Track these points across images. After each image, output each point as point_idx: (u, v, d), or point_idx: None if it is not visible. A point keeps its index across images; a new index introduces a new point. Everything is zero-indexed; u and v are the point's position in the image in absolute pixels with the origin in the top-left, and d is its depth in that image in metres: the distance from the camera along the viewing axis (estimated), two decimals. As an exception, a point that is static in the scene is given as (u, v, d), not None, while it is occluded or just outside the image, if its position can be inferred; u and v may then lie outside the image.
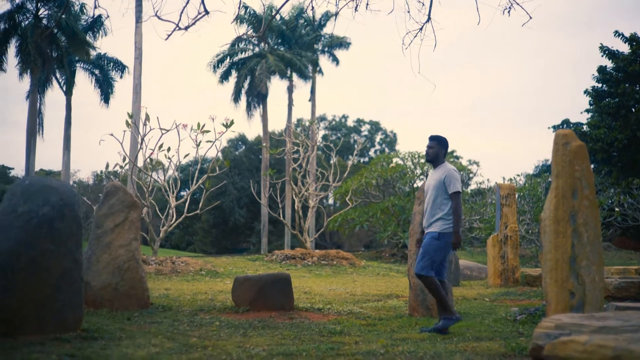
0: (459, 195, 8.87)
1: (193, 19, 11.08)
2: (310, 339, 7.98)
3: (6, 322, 7.04)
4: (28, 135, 40.44)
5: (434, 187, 9.04)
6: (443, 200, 8.92)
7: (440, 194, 8.95)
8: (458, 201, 8.85)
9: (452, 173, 8.96)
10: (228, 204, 61.63)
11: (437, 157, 9.22)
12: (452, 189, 8.86)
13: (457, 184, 8.88)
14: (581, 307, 6.85)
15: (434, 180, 9.07)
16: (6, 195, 7.66)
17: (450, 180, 8.89)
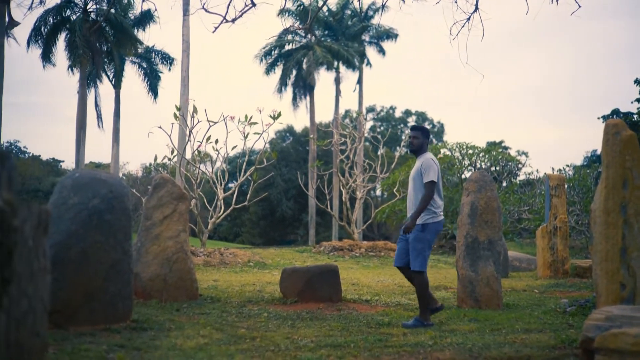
0: (432, 185, 8.70)
1: (240, 12, 11.13)
2: (358, 330, 7.97)
3: (58, 313, 7.12)
4: (78, 128, 40.86)
5: (413, 178, 8.97)
6: (422, 190, 8.80)
7: (419, 184, 8.86)
8: (429, 191, 8.67)
9: (429, 162, 8.82)
10: (276, 195, 61.75)
11: (421, 147, 9.11)
12: (426, 178, 8.72)
13: (431, 174, 8.72)
14: (632, 299, 6.76)
15: (414, 171, 8.99)
16: (56, 187, 7.74)
17: (426, 169, 8.76)
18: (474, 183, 10.71)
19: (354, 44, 50.67)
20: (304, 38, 50.52)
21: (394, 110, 78.40)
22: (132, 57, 46.44)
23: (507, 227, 29.53)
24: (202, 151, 22.47)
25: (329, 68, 49.79)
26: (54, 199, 7.57)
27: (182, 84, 36.40)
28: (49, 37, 40.19)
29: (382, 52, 52.69)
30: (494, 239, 10.52)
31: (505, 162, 33.12)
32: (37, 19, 39.70)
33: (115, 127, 45.56)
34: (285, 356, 6.14)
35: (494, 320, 8.75)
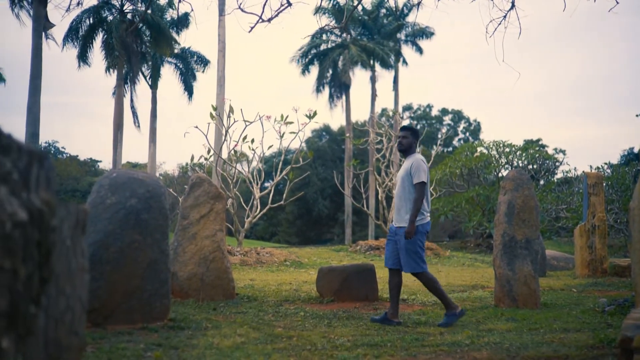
0: (423, 186, 8.64)
1: (276, 11, 11.14)
2: (395, 329, 7.95)
3: (96, 312, 7.18)
4: (115, 128, 41.17)
5: (402, 179, 8.89)
6: (411, 192, 8.74)
7: (408, 185, 8.78)
8: (421, 192, 8.61)
9: (418, 163, 8.76)
10: (312, 194, 61.79)
11: (410, 147, 9.05)
12: (416, 179, 8.66)
13: (422, 175, 8.66)
14: (672, 298, 6.67)
15: (403, 171, 8.91)
16: (94, 187, 7.80)
17: (416, 170, 8.70)
18: (511, 181, 10.64)
19: (390, 42, 50.57)
20: (339, 37, 50.49)
21: (430, 108, 78.15)
22: (169, 58, 46.71)
23: (544, 226, 29.32)
24: (238, 151, 22.55)
25: (364, 67, 49.70)
26: (92, 198, 7.63)
27: (218, 84, 36.53)
28: (86, 38, 40.51)
29: (419, 51, 52.50)
30: (531, 238, 10.44)
31: (542, 160, 32.86)
32: (73, 19, 40.04)
33: (152, 127, 45.87)
34: (321, 355, 6.14)
35: (532, 320, 8.69)
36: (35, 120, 29.67)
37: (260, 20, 11.10)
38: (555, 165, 34.54)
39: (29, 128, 29.54)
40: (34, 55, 30.12)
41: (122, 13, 41.25)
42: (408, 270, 8.65)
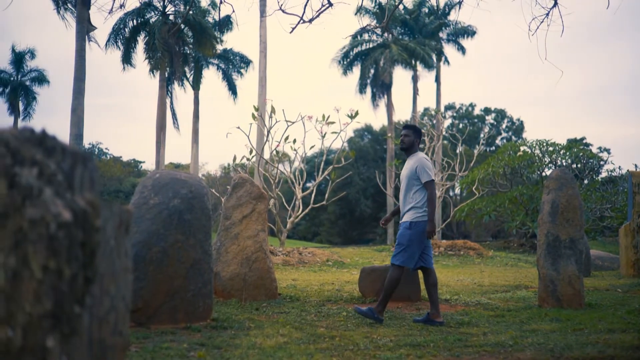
0: (432, 184, 8.71)
1: (317, 12, 11.15)
2: (438, 330, 7.92)
3: (140, 311, 7.23)
4: (158, 129, 41.47)
5: (406, 177, 8.93)
6: (415, 190, 8.79)
7: (412, 183, 8.83)
8: (432, 190, 8.70)
9: (423, 162, 8.81)
10: (354, 194, 61.78)
11: (412, 146, 9.11)
12: (424, 178, 8.73)
13: (429, 173, 8.74)
14: None
15: (407, 170, 8.95)
16: (138, 188, 7.86)
17: (422, 170, 8.75)
18: (555, 181, 10.54)
19: (431, 41, 50.36)
20: (380, 37, 50.39)
21: (473, 107, 77.68)
22: (211, 59, 46.96)
23: (589, 226, 29.04)
24: (280, 151, 22.62)
25: (406, 66, 49.56)
26: (135, 199, 7.69)
27: (260, 85, 36.63)
28: (129, 40, 40.87)
29: (461, 50, 52.21)
30: (575, 238, 10.34)
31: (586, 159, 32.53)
32: (116, 21, 40.42)
33: (194, 128, 46.15)
34: (364, 355, 6.13)
35: (576, 320, 8.60)
36: (79, 122, 29.98)
37: (301, 21, 11.11)
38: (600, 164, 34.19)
39: (73, 129, 29.87)
40: (77, 57, 30.45)
41: (164, 15, 41.54)
42: (396, 261, 8.70)
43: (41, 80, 54.79)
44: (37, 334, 2.06)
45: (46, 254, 2.08)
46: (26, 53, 54.53)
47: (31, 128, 2.30)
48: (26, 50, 54.66)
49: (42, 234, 2.10)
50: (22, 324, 2.07)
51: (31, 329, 2.06)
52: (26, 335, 2.06)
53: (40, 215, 2.11)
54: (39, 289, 2.07)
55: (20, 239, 2.11)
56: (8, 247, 2.12)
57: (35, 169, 2.20)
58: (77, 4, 31.15)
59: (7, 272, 2.10)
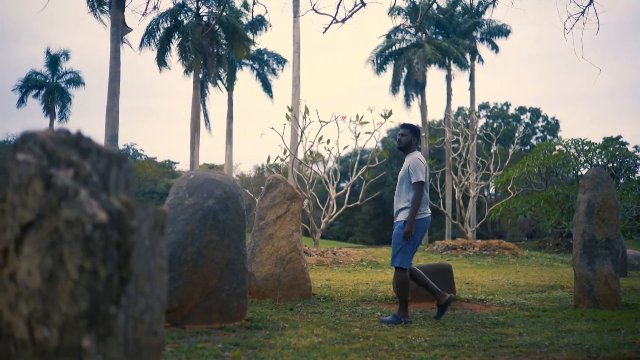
0: (421, 185, 8.70)
1: (350, 11, 11.14)
2: (473, 330, 7.88)
3: (174, 312, 7.26)
4: (192, 130, 41.65)
5: (401, 177, 8.97)
6: (409, 190, 8.80)
7: (406, 183, 8.85)
8: (419, 191, 8.68)
9: (416, 162, 8.82)
10: (388, 194, 61.51)
11: (409, 145, 9.14)
12: (414, 178, 8.73)
13: (419, 174, 8.72)
14: None
15: (402, 170, 8.98)
16: (172, 189, 7.90)
17: (414, 170, 8.76)
18: (591, 180, 10.45)
19: (465, 40, 50.11)
20: (414, 36, 50.23)
21: (507, 106, 77.15)
22: (245, 60, 47.11)
23: (625, 225, 28.74)
24: (314, 151, 22.63)
25: (440, 66, 49.37)
26: (170, 199, 7.73)
27: (294, 85, 36.65)
28: (163, 41, 41.09)
29: (495, 49, 51.88)
30: (612, 237, 10.25)
31: (622, 158, 32.19)
32: (149, 23, 40.65)
33: (228, 129, 46.32)
34: (399, 356, 6.11)
35: (613, 321, 8.52)
36: (114, 123, 30.18)
37: (334, 20, 11.11)
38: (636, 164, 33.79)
39: (108, 131, 30.07)
40: (112, 59, 30.65)
41: (197, 16, 41.71)
42: (395, 263, 8.73)
43: (76, 82, 55.25)
44: (73, 334, 2.08)
45: (82, 255, 2.10)
46: (61, 55, 55.01)
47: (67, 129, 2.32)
48: (61, 53, 55.15)
49: (77, 235, 2.12)
50: (59, 324, 2.09)
51: (67, 329, 2.08)
52: (62, 335, 2.08)
53: (76, 216, 2.13)
54: (75, 289, 2.09)
55: (56, 239, 2.13)
56: (44, 247, 2.13)
57: (71, 170, 2.22)
58: (111, 6, 31.37)
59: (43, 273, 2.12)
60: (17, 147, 2.29)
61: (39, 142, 2.26)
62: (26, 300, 2.12)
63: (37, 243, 2.14)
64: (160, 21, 40.65)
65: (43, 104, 54.49)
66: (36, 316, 2.10)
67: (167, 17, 40.78)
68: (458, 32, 50.53)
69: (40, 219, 2.16)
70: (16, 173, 2.23)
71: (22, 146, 2.28)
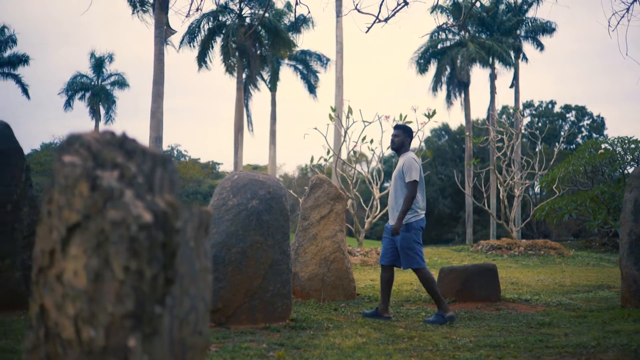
0: (414, 185, 8.66)
1: (392, 10, 11.10)
2: (518, 330, 7.82)
3: (219, 312, 7.30)
4: (236, 131, 41.83)
5: (395, 177, 8.94)
6: (404, 190, 8.78)
7: (401, 183, 8.83)
8: (412, 191, 8.65)
9: (410, 162, 8.78)
10: (432, 194, 61.43)
11: (402, 146, 9.12)
12: (407, 177, 8.71)
13: (413, 173, 8.69)
14: None
15: (397, 170, 8.95)
16: (216, 189, 7.95)
17: (408, 169, 8.73)
18: (637, 179, 10.31)
19: (509, 39, 49.72)
20: (457, 35, 49.97)
21: (552, 105, 76.41)
22: (288, 60, 47.21)
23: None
24: (357, 151, 22.60)
25: (483, 64, 49.04)
26: (214, 200, 7.77)
27: (337, 85, 36.65)
28: (205, 42, 41.33)
29: (540, 47, 51.39)
30: (660, 237, 10.11)
31: (671, 156, 31.75)
32: (191, 23, 40.90)
33: (271, 129, 46.44)
34: (443, 356, 6.09)
35: (662, 321, 8.41)
36: (158, 125, 30.42)
37: (377, 20, 11.09)
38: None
39: (153, 132, 30.31)
40: (156, 61, 30.89)
41: (240, 17, 41.88)
42: (406, 266, 8.75)
43: (121, 84, 55.74)
44: (119, 334, 2.09)
45: (127, 255, 2.12)
46: (105, 58, 55.54)
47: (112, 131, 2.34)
48: (105, 55, 55.69)
49: (123, 236, 2.13)
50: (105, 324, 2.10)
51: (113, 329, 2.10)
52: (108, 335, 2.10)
53: (122, 217, 2.15)
54: (121, 289, 2.11)
55: (102, 240, 2.15)
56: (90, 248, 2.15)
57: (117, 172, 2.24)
58: (155, 8, 31.61)
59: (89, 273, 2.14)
60: (63, 149, 2.31)
61: (84, 144, 2.29)
62: (73, 301, 2.15)
63: (83, 244, 2.16)
64: (202, 22, 40.87)
65: (89, 106, 55.06)
66: (83, 316, 2.12)
67: (209, 18, 40.99)
68: (502, 30, 50.13)
69: (86, 220, 2.18)
70: (62, 175, 2.25)
71: (68, 148, 2.30)
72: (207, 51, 41.80)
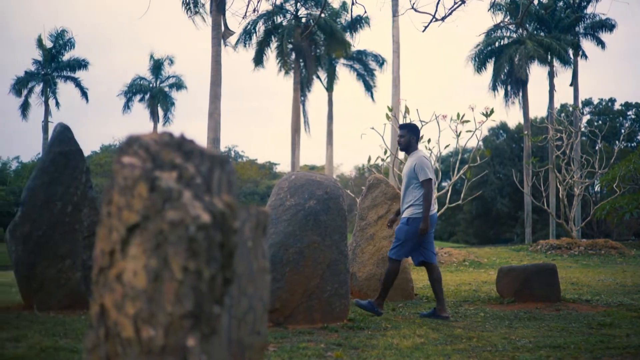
0: (429, 183, 8.79)
1: (449, 9, 11.03)
2: (579, 331, 7.71)
3: (277, 312, 7.33)
4: (292, 131, 41.98)
5: (406, 175, 9.02)
6: (414, 187, 8.88)
7: (411, 181, 8.92)
8: (428, 188, 8.77)
9: (421, 160, 8.90)
10: (490, 193, 60.99)
11: (410, 145, 9.22)
12: (422, 176, 8.81)
13: (426, 171, 8.81)
14: None
15: (407, 168, 9.04)
16: (274, 190, 7.98)
17: (420, 168, 8.83)
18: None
19: (567, 36, 49.10)
20: (514, 33, 49.50)
21: (612, 103, 75.28)
22: (344, 60, 47.22)
23: None
24: (414, 151, 22.50)
25: (541, 62, 48.49)
26: (272, 200, 7.80)
27: (393, 85, 36.52)
28: (262, 43, 41.55)
29: (600, 44, 50.65)
30: None
31: None
32: (246, 24, 41.15)
33: (328, 130, 46.50)
34: (502, 357, 6.03)
35: None
36: (216, 126, 30.65)
37: (433, 19, 11.03)
38: None
39: (210, 133, 30.55)
40: (213, 63, 31.12)
41: (296, 18, 42.00)
42: (391, 254, 8.88)
43: (179, 86, 56.28)
44: (178, 334, 2.11)
45: (186, 256, 2.13)
46: (164, 60, 56.10)
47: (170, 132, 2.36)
48: (164, 58, 56.25)
49: (181, 236, 2.15)
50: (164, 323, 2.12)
51: (172, 329, 2.11)
52: (167, 335, 2.11)
53: (180, 217, 2.16)
54: (180, 289, 2.12)
55: (160, 241, 2.17)
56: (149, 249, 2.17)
57: (175, 173, 2.25)
58: (212, 10, 31.84)
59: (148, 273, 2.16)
60: (122, 151, 2.34)
61: (143, 146, 2.31)
62: (132, 301, 2.17)
63: (142, 244, 2.19)
64: (258, 23, 41.09)
65: (148, 108, 55.69)
66: (142, 316, 2.14)
67: (265, 19, 41.19)
68: (560, 27, 49.52)
69: (145, 220, 2.20)
70: (122, 176, 2.28)
71: (127, 149, 2.33)
72: (264, 52, 42.04)
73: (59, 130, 8.61)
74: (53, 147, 8.46)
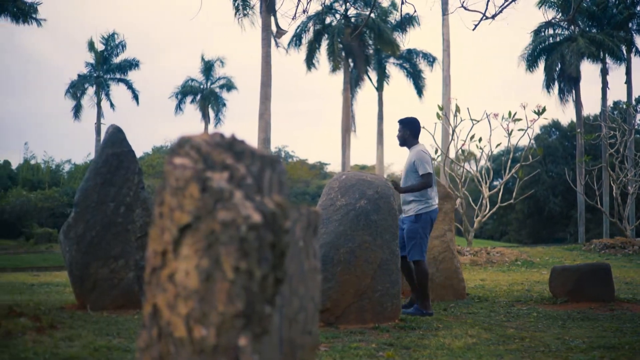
0: (429, 177, 8.79)
1: (500, 7, 10.96)
2: (633, 331, 7.60)
3: (328, 311, 7.34)
4: (343, 131, 42.00)
5: (406, 170, 9.01)
6: (415, 182, 8.81)
7: (412, 176, 8.89)
8: (427, 181, 8.76)
9: (420, 155, 8.88)
10: (542, 192, 60.34)
11: (407, 139, 9.20)
12: (421, 170, 8.79)
13: (426, 166, 8.78)
14: None
15: (407, 163, 9.01)
16: (325, 189, 7.99)
17: (420, 163, 8.81)
18: None
19: (620, 33, 48.40)
20: (566, 30, 48.95)
21: (667, 99, 74.15)
22: (394, 59, 47.12)
23: None
24: (465, 150, 22.41)
25: (594, 59, 47.88)
26: (322, 200, 7.81)
27: (444, 83, 36.35)
28: (312, 43, 41.62)
29: (657, 39, 49.77)
30: None
31: None
32: (297, 25, 41.28)
33: (379, 129, 46.44)
34: (555, 357, 5.97)
35: None
36: (266, 126, 30.79)
37: (484, 17, 10.97)
38: None
39: (261, 134, 30.70)
40: (263, 64, 31.26)
41: (346, 18, 42.01)
42: (414, 257, 8.77)
43: (229, 87, 56.63)
44: (229, 334, 2.12)
45: (237, 256, 2.14)
46: (215, 61, 56.48)
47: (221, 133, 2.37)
48: (215, 59, 56.63)
49: (233, 236, 2.16)
50: (216, 323, 2.13)
51: (224, 328, 2.12)
52: (219, 334, 2.12)
53: (231, 217, 2.17)
54: (231, 289, 2.13)
55: (212, 241, 2.18)
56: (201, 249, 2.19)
57: (226, 173, 2.26)
58: (262, 11, 31.97)
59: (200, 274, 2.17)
60: (174, 152, 2.36)
61: (194, 146, 2.32)
62: (185, 300, 2.18)
63: (194, 245, 2.20)
64: (308, 23, 41.17)
65: (199, 109, 56.11)
66: (194, 316, 2.16)
67: (315, 20, 41.26)
68: (612, 24, 48.83)
69: (197, 221, 2.21)
70: (173, 177, 2.29)
71: (179, 150, 2.34)
72: (314, 52, 42.11)
73: (112, 132, 8.71)
74: (106, 148, 8.56)
